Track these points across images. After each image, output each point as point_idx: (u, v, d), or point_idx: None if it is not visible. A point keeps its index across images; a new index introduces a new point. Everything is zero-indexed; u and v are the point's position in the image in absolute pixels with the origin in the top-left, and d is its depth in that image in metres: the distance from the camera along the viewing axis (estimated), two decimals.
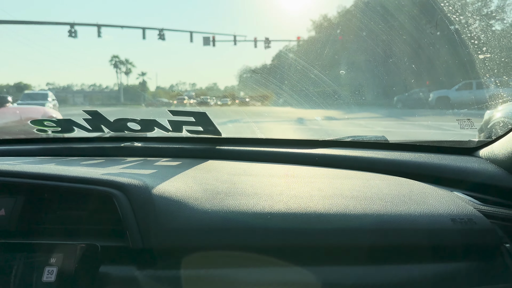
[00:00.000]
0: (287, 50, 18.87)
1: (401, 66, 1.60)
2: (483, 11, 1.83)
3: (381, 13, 1.84)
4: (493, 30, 1.06)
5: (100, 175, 0.92)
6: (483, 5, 6.73)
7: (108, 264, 0.83)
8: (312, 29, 21.57)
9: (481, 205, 0.98)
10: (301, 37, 19.56)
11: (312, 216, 0.87)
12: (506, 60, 1.11)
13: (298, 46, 16.70)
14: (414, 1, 1.80)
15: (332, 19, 18.08)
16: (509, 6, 7.28)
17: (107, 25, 29.23)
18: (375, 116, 11.90)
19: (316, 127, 8.03)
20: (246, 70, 26.02)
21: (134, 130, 1.43)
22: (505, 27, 1.95)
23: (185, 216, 0.84)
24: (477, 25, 1.05)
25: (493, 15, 5.90)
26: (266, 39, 22.54)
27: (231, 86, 34.70)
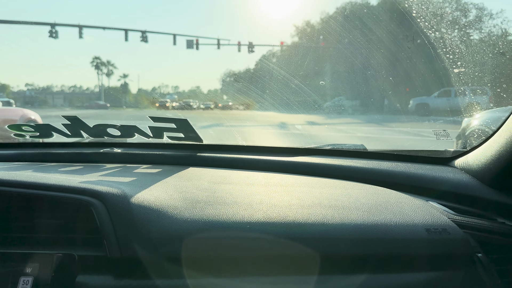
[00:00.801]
0: (270, 55, 18.96)
1: (379, 78, 1.64)
2: (462, 21, 1.87)
3: (360, 27, 1.88)
4: (467, 45, 1.09)
5: (78, 183, 0.91)
6: (462, 14, 6.90)
7: (85, 273, 0.82)
8: (295, 35, 21.73)
9: (455, 215, 1.01)
10: (285, 42, 19.67)
11: (291, 226, 0.87)
12: (479, 75, 1.15)
13: (282, 51, 16.78)
14: (391, 16, 1.85)
15: (315, 25, 18.25)
16: (487, 16, 7.48)
17: (88, 26, 28.82)
18: (355, 121, 12.05)
19: (297, 132, 8.09)
20: (230, 74, 26.04)
21: (114, 135, 1.42)
22: (481, 37, 2.01)
23: (164, 225, 0.84)
24: (452, 40, 1.09)
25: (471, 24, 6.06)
26: (250, 44, 22.58)
27: (214, 89, 34.62)
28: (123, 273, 0.82)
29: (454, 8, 5.89)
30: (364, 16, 2.42)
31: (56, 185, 0.90)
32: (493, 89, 1.31)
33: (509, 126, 1.00)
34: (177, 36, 23.02)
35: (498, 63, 1.37)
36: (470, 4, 10.26)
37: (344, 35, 1.94)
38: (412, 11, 1.08)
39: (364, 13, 3.00)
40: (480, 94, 3.00)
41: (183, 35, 41.40)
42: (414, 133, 8.24)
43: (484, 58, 1.26)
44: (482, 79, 1.14)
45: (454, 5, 6.35)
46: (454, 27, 1.33)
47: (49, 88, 57.77)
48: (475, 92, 1.89)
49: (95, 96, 48.48)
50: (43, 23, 21.93)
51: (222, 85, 25.09)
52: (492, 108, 1.78)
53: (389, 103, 11.91)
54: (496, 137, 1.07)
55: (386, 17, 2.08)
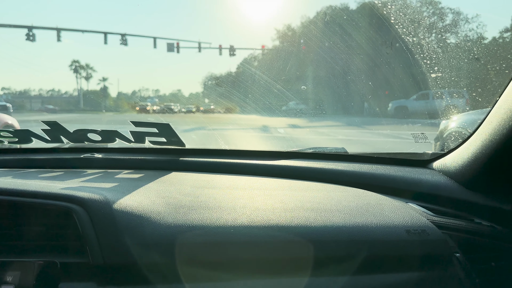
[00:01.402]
0: (252, 59, 18.99)
1: (359, 83, 1.67)
2: (439, 25, 1.92)
3: (340, 33, 1.91)
4: (443, 50, 1.12)
5: (59, 190, 0.90)
6: (439, 19, 7.06)
7: (68, 281, 0.81)
8: (276, 38, 21.82)
9: (433, 216, 1.03)
10: (266, 46, 19.73)
11: (274, 229, 0.88)
12: (455, 79, 1.18)
13: (263, 55, 16.83)
14: (370, 22, 1.88)
15: (296, 29, 18.37)
16: (463, 20, 7.68)
17: (67, 29, 28.36)
18: (337, 124, 12.17)
19: (280, 135, 8.11)
20: (211, 77, 25.96)
21: (94, 140, 1.40)
22: (457, 42, 2.08)
23: (147, 231, 0.84)
24: (430, 45, 1.12)
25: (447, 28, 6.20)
26: (231, 47, 22.56)
27: (195, 93, 34.43)
28: (106, 280, 0.82)
29: (431, 12, 6.03)
30: (343, 22, 2.46)
31: (37, 192, 0.88)
32: (469, 93, 1.35)
33: (484, 129, 1.03)
34: (157, 39, 22.84)
35: (473, 68, 1.42)
36: (447, 8, 10.51)
37: (324, 39, 1.97)
38: (391, 17, 1.11)
39: (343, 18, 3.05)
40: (457, 97, 3.10)
41: (164, 38, 41.13)
42: (393, 135, 8.36)
43: (460, 63, 1.30)
44: (458, 83, 1.17)
45: (431, 10, 6.50)
46: (432, 32, 1.36)
47: (26, 92, 56.55)
48: (452, 95, 1.94)
49: (73, 100, 47.70)
50: (19, 26, 21.49)
51: (204, 89, 25.00)
52: (468, 111, 1.83)
53: (369, 107, 12.07)
54: (472, 140, 1.10)
55: (365, 22, 2.13)
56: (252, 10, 36.25)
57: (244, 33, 63.63)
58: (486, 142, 1.00)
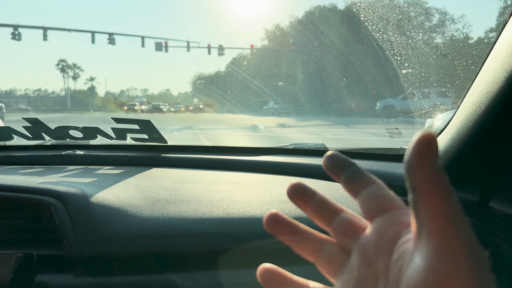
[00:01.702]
0: (241, 58, 19.00)
1: (333, 79, 1.70)
2: (405, 22, 1.96)
3: (312, 31, 1.95)
4: (412, 48, 1.15)
5: (37, 184, 0.92)
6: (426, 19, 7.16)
7: (45, 273, 0.83)
8: (265, 38, 21.88)
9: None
10: (255, 45, 19.78)
11: (249, 221, 0.91)
12: (425, 75, 1.22)
13: (252, 54, 16.86)
14: (342, 19, 1.92)
15: (285, 29, 18.44)
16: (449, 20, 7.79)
17: (53, 28, 28.10)
18: (325, 123, 12.23)
19: (269, 134, 8.13)
20: (200, 76, 25.90)
21: (76, 138, 1.41)
22: (424, 39, 2.12)
23: (124, 224, 0.86)
24: (399, 42, 1.15)
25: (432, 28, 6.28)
26: (220, 46, 22.60)
27: (184, 92, 34.28)
28: (83, 271, 0.83)
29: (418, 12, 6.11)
30: (316, 19, 2.47)
31: (14, 186, 0.89)
32: (438, 88, 1.39)
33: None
34: (145, 39, 22.80)
35: (442, 64, 1.46)
36: (433, 8, 10.64)
37: (312, 39, 2.00)
38: (360, 15, 1.13)
39: (315, 16, 3.06)
40: (444, 97, 3.15)
41: (152, 37, 40.90)
42: (381, 134, 8.44)
43: (429, 59, 1.33)
44: (428, 79, 1.21)
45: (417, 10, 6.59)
46: (400, 28, 1.39)
47: (12, 92, 55.90)
48: (439, 94, 1.98)
49: (60, 100, 47.21)
50: (5, 25, 21.23)
51: (192, 88, 24.94)
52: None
53: (358, 106, 12.16)
54: (443, 134, 1.14)
55: (336, 20, 2.15)
56: (241, 10, 36.01)
57: (233, 33, 63.33)
58: (455, 136, 1.03)
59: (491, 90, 0.82)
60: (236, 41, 71.87)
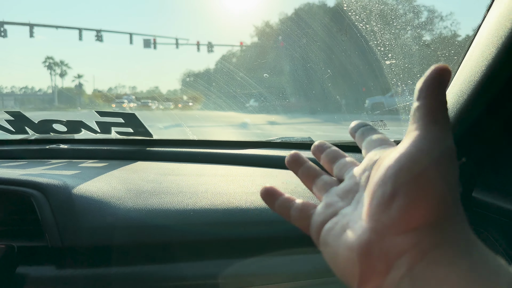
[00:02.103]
0: (230, 55, 18.95)
1: (318, 71, 1.70)
2: (387, 12, 1.96)
3: (296, 21, 1.95)
4: (395, 38, 1.15)
5: (19, 176, 0.90)
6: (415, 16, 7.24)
7: (26, 264, 0.82)
8: (255, 35, 21.85)
9: None
10: (244, 43, 19.76)
11: (234, 211, 0.91)
12: (408, 66, 1.23)
13: (241, 52, 16.83)
14: (325, 9, 1.92)
15: (274, 26, 18.42)
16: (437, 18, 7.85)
17: (40, 25, 27.75)
18: (315, 121, 12.26)
19: (259, 131, 8.12)
20: (189, 74, 25.78)
21: (60, 131, 1.39)
22: (407, 29, 2.13)
23: (106, 215, 0.85)
24: (382, 33, 1.15)
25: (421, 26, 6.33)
26: (209, 43, 22.54)
27: (173, 90, 34.08)
28: (65, 263, 0.82)
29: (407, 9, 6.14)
30: (300, 11, 2.48)
31: None
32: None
33: None
34: (133, 35, 22.62)
35: (425, 55, 1.47)
36: (422, 6, 10.71)
37: (301, 36, 2.00)
38: (343, 5, 1.14)
39: (318, 14, 3.06)
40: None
41: (140, 34, 40.64)
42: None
43: (412, 50, 1.34)
44: (412, 70, 1.22)
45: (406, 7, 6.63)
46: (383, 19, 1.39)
47: None
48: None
49: (48, 98, 46.67)
50: None
51: (182, 86, 24.81)
52: None
53: (347, 103, 12.23)
54: None
55: (320, 10, 2.15)
56: (230, 7, 35.92)
57: (222, 30, 63.08)
58: None
59: (472, 80, 0.83)
60: (226, 38, 71.69)
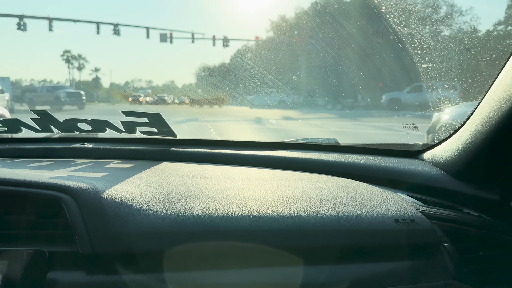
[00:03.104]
0: (245, 50, 18.89)
1: (350, 73, 1.67)
2: (433, 17, 1.91)
3: (332, 23, 1.91)
4: (434, 41, 1.11)
5: (48, 179, 0.90)
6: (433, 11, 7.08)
7: (56, 270, 0.81)
8: (270, 29, 21.73)
9: (423, 206, 1.04)
10: (260, 37, 19.67)
11: (264, 218, 0.88)
12: (446, 70, 1.19)
13: (257, 46, 16.76)
14: (362, 12, 1.89)
15: (290, 20, 18.29)
16: (457, 12, 7.71)
17: (58, 19, 28.09)
18: (330, 116, 12.21)
19: (273, 127, 8.11)
20: (205, 68, 25.81)
21: (84, 130, 1.39)
22: (450, 35, 2.08)
23: (136, 220, 0.84)
24: (420, 36, 1.12)
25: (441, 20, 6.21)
26: (225, 38, 22.49)
27: (189, 84, 34.20)
28: (95, 269, 0.81)
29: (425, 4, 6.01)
30: (335, 11, 2.44)
31: (25, 181, 0.88)
32: (459, 83, 1.36)
33: (474, 120, 1.03)
34: (150, 30, 22.71)
35: (464, 59, 1.42)
36: (441, 0, 10.50)
37: (318, 30, 1.96)
38: (382, 7, 1.10)
39: (335, 8, 3.04)
40: (450, 90, 3.11)
41: (157, 28, 40.88)
42: (386, 127, 8.40)
43: (451, 53, 1.30)
44: (449, 74, 1.17)
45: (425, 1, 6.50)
46: (424, 23, 1.36)
47: (17, 83, 55.93)
48: (445, 87, 1.94)
49: None
50: (10, 15, 21.23)
51: (197, 80, 24.87)
52: (461, 103, 1.84)
53: (361, 98, 12.11)
54: (462, 130, 1.11)
55: (356, 12, 2.12)
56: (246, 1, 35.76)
57: (238, 24, 63.20)
58: (476, 133, 1.01)
59: None
60: (241, 33, 71.52)
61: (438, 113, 2.18)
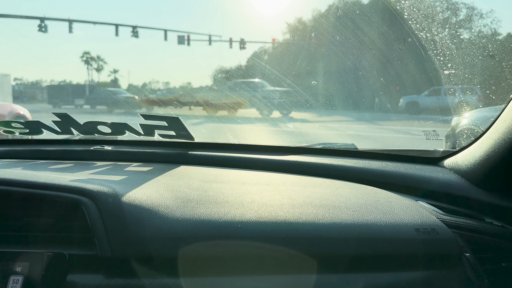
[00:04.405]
0: (262, 52, 18.91)
1: (370, 78, 1.65)
2: (452, 20, 1.88)
3: (352, 28, 1.89)
4: (457, 47, 1.09)
5: (69, 182, 0.91)
6: (453, 14, 6.97)
7: (76, 272, 0.82)
8: (287, 32, 21.71)
9: (444, 215, 1.02)
10: (276, 39, 19.67)
11: (282, 225, 0.88)
12: (469, 76, 1.16)
13: (273, 48, 16.77)
14: (383, 17, 1.87)
15: (307, 23, 18.24)
16: (477, 15, 7.60)
17: (78, 21, 28.55)
18: (346, 119, 12.10)
19: (289, 130, 8.09)
20: (221, 70, 25.92)
21: (104, 133, 1.41)
22: (471, 39, 2.05)
23: (155, 225, 0.84)
24: (443, 42, 1.10)
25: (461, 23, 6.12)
26: (242, 40, 22.56)
27: (205, 86, 34.37)
28: (114, 272, 0.82)
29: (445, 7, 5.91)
30: (355, 16, 2.44)
31: (47, 184, 0.89)
32: (482, 90, 1.33)
33: (498, 127, 1.01)
34: (168, 32, 22.93)
35: (488, 65, 1.39)
36: (461, 3, 10.35)
37: (335, 34, 1.95)
38: (404, 13, 1.09)
39: (355, 13, 3.03)
40: (470, 94, 3.02)
41: (174, 30, 41.27)
42: (404, 131, 8.29)
43: (474, 60, 1.27)
44: (472, 80, 1.15)
45: (444, 4, 6.41)
46: (445, 27, 1.33)
47: (38, 83, 57.10)
48: (465, 91, 1.90)
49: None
50: (32, 17, 21.68)
51: (213, 82, 24.96)
52: (481, 108, 1.80)
53: (380, 102, 12.01)
54: (485, 138, 1.09)
55: (377, 17, 2.11)
56: (263, 3, 35.84)
57: (254, 27, 63.34)
58: (500, 140, 0.99)
59: None
60: (258, 35, 71.70)
61: (457, 118, 2.14)
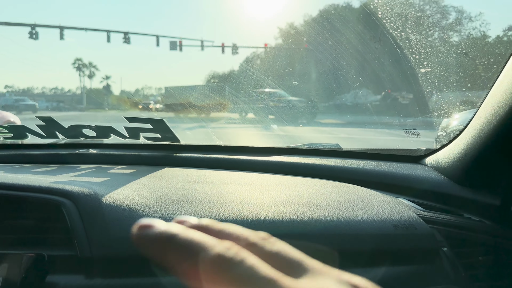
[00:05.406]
0: (254, 57, 18.98)
1: (349, 78, 1.67)
2: (428, 22, 1.90)
3: (328, 29, 1.92)
4: (431, 46, 1.11)
5: (49, 183, 0.91)
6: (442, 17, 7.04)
7: (56, 273, 0.82)
8: (279, 37, 21.81)
9: (423, 211, 1.04)
10: (269, 44, 19.76)
11: (262, 223, 0.89)
12: (445, 74, 1.19)
13: (266, 53, 16.84)
14: (358, 17, 1.90)
15: (299, 28, 18.34)
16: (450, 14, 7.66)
17: (70, 27, 28.49)
18: (339, 122, 12.15)
19: (282, 133, 8.09)
20: (214, 75, 25.94)
21: (89, 136, 1.41)
22: (447, 39, 2.07)
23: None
24: (418, 41, 1.12)
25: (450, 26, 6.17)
26: (234, 45, 22.61)
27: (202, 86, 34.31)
28: (94, 272, 0.82)
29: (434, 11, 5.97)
30: (332, 17, 2.45)
31: (26, 185, 0.89)
32: (458, 88, 1.35)
33: (474, 124, 1.03)
34: (160, 38, 22.92)
35: (462, 63, 1.42)
36: (450, 6, 10.47)
37: (326, 37, 1.97)
38: (378, 12, 1.11)
39: (332, 13, 3.05)
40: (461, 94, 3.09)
41: (166, 36, 41.29)
42: (396, 133, 8.33)
43: (448, 58, 1.30)
44: (448, 78, 1.17)
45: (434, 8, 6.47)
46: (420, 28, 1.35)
47: (29, 90, 56.86)
48: (456, 92, 1.92)
49: (77, 98, 47.85)
50: (23, 24, 21.61)
51: (206, 87, 24.98)
52: (469, 109, 1.82)
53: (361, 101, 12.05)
54: (462, 135, 1.11)
55: (353, 17, 2.13)
56: (255, 8, 35.93)
57: (247, 32, 63.46)
58: (475, 137, 1.00)
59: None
60: (250, 40, 71.97)
61: (447, 119, 2.17)
